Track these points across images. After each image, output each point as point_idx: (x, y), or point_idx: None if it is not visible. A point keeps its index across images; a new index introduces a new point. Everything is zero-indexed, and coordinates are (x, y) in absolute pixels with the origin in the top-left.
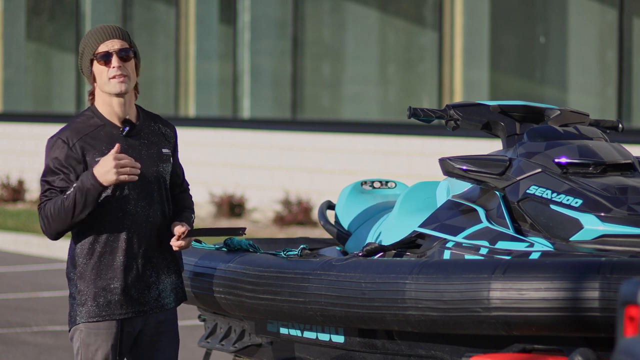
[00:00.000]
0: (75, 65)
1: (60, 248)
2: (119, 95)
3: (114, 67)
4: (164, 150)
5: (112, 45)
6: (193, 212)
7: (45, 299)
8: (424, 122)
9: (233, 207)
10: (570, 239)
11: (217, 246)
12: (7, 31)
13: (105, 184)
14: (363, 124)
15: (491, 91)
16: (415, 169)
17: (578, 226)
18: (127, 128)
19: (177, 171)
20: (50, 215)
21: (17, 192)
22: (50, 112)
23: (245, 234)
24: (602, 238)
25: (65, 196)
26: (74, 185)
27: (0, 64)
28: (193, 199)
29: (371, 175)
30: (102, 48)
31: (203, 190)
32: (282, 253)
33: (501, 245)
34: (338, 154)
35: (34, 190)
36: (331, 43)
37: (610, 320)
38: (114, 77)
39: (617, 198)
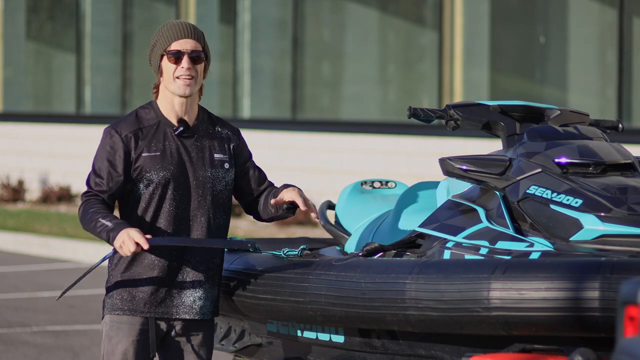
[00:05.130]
0: (75, 65)
1: (61, 248)
2: (181, 96)
3: (182, 67)
4: (217, 156)
5: (185, 44)
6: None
7: (45, 299)
8: (424, 122)
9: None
10: (570, 239)
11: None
12: (7, 31)
13: (116, 247)
14: (363, 124)
15: (491, 91)
16: (415, 169)
17: (578, 226)
18: (181, 128)
19: (256, 175)
20: (80, 214)
21: (17, 192)
22: (50, 112)
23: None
24: (602, 238)
25: (95, 212)
26: (106, 221)
27: (0, 64)
28: None
29: (371, 175)
30: (175, 46)
31: None
32: (282, 253)
33: (501, 245)
34: (338, 154)
35: (34, 190)
36: (331, 43)
37: (610, 320)
38: (179, 77)
39: (617, 198)
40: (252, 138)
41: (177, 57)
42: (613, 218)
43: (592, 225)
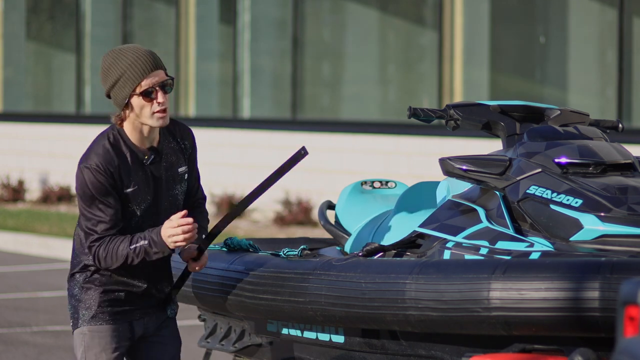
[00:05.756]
0: (75, 65)
1: (61, 248)
2: (158, 127)
3: (159, 103)
4: (180, 170)
5: (155, 78)
6: (204, 231)
7: (45, 299)
8: (424, 122)
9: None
10: (570, 239)
11: (217, 246)
12: (7, 31)
13: (172, 247)
14: (363, 124)
15: (491, 91)
16: (415, 169)
17: (578, 226)
18: (153, 156)
19: (193, 182)
20: (102, 258)
21: (17, 192)
22: (50, 112)
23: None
24: (602, 238)
25: (120, 243)
26: (140, 243)
27: (0, 64)
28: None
29: (371, 175)
30: (147, 83)
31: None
32: (282, 253)
33: (501, 245)
34: (338, 154)
35: (34, 190)
36: (331, 43)
37: (610, 320)
38: (157, 112)
39: (617, 198)
40: (252, 138)
41: (150, 94)
42: (613, 218)
43: (592, 225)
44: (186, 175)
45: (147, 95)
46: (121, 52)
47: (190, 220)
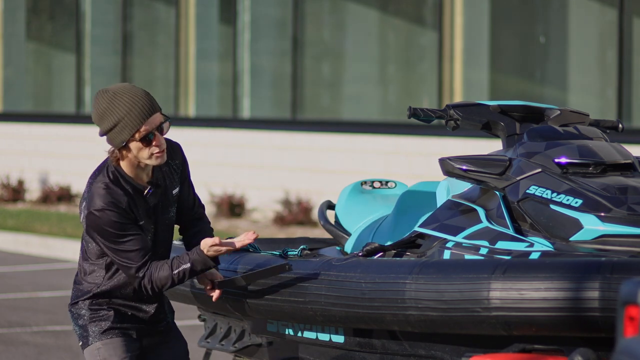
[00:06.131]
0: (75, 65)
1: (60, 248)
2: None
3: (156, 146)
4: (174, 192)
5: (153, 122)
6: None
7: (45, 299)
8: (424, 122)
9: (233, 207)
10: (570, 239)
11: None
12: (7, 31)
13: (211, 255)
14: (363, 124)
15: (491, 91)
16: (415, 169)
17: (578, 226)
18: (152, 190)
19: (189, 197)
20: (149, 289)
21: (17, 192)
22: (50, 112)
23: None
24: (602, 238)
25: (161, 271)
26: (182, 267)
27: (0, 64)
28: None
29: (371, 175)
30: (145, 128)
31: (203, 191)
32: (282, 253)
33: (501, 245)
34: (338, 154)
35: (33, 190)
36: (331, 43)
37: (610, 320)
38: (155, 153)
39: (617, 198)
40: (252, 138)
41: (149, 139)
42: (613, 218)
43: (592, 225)
44: (178, 194)
45: (146, 139)
46: (116, 95)
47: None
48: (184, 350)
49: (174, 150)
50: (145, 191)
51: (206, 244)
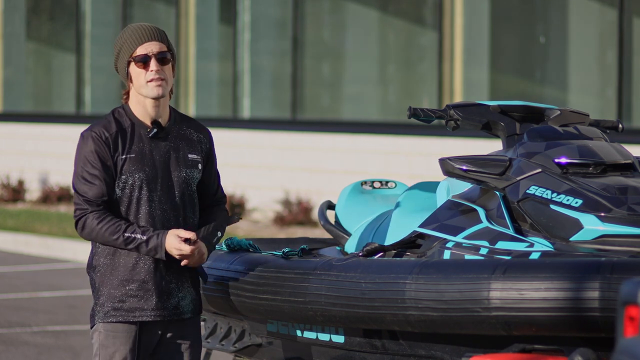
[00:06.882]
0: (75, 65)
1: (60, 248)
2: (155, 98)
3: (152, 71)
4: (190, 156)
5: (150, 47)
6: (221, 229)
7: (45, 299)
8: (424, 122)
9: (233, 207)
10: (570, 239)
11: (217, 247)
12: (7, 31)
13: (175, 255)
14: (363, 124)
15: (491, 91)
16: (415, 169)
17: (578, 226)
18: (155, 130)
19: (211, 179)
20: (89, 229)
21: (17, 192)
22: (50, 112)
23: (240, 218)
24: (602, 238)
25: (113, 228)
26: (137, 235)
27: (0, 64)
28: None
29: (371, 175)
30: (141, 50)
31: None
32: (282, 253)
33: (501, 245)
34: (338, 154)
35: (33, 190)
36: (331, 43)
37: (610, 320)
38: (151, 81)
39: (617, 198)
40: (252, 138)
41: (144, 61)
42: (613, 218)
43: (592, 226)
44: (200, 165)
45: (142, 61)
46: (128, 27)
47: (191, 249)
48: (197, 356)
49: (202, 128)
50: (148, 130)
51: (175, 242)
